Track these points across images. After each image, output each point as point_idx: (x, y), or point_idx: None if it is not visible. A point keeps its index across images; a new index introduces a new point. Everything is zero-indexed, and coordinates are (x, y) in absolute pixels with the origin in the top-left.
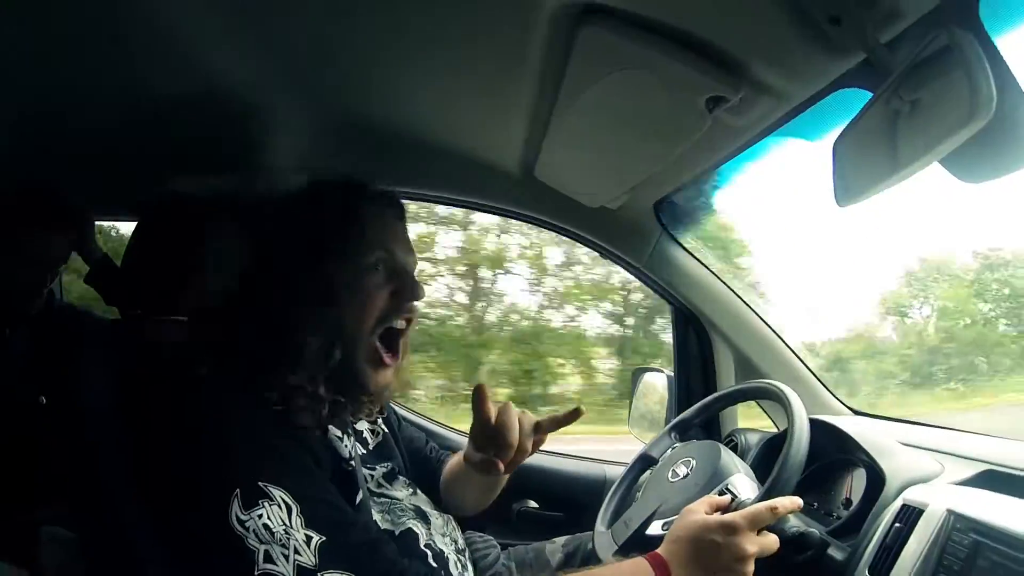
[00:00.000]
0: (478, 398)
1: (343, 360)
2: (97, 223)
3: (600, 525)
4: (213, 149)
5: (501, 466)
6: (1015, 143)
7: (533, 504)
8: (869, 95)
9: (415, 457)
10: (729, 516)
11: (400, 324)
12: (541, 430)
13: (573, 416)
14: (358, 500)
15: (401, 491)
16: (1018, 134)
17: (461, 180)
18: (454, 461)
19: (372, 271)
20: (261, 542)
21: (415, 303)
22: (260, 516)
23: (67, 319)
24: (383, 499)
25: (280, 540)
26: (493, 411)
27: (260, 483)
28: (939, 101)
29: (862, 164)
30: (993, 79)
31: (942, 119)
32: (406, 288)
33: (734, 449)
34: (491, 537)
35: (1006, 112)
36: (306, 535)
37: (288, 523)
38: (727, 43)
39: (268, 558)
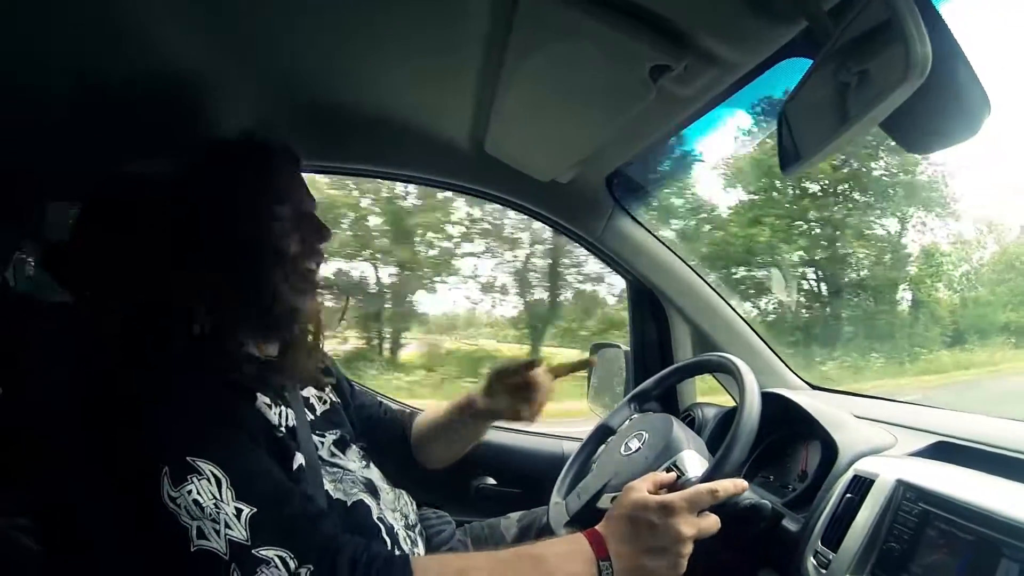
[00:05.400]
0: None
1: (274, 298)
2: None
3: (556, 495)
4: (166, 132)
5: (532, 418)
6: (960, 112)
7: (491, 481)
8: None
9: (369, 423)
10: (668, 496)
11: (312, 266)
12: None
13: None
14: (295, 467)
15: (353, 462)
16: (963, 104)
17: (415, 158)
18: (431, 415)
19: (281, 220)
20: (193, 518)
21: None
22: (190, 492)
23: (21, 306)
24: (335, 469)
25: (211, 515)
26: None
27: (188, 458)
28: (876, 63)
29: (805, 130)
30: (931, 43)
31: (879, 81)
32: (315, 231)
33: (692, 423)
34: (446, 513)
35: (951, 82)
36: (236, 508)
37: (218, 496)
38: (668, 11)
39: (201, 534)
